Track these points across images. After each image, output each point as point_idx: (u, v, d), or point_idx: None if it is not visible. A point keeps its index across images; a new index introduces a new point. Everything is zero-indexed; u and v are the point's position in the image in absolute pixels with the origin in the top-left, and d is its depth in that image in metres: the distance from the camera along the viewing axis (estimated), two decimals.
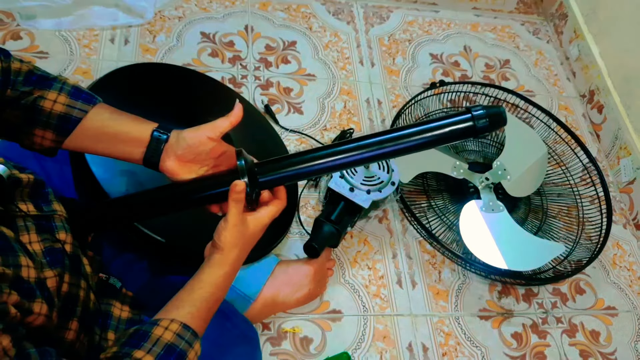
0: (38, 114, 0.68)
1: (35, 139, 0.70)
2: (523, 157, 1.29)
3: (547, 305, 1.21)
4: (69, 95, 0.69)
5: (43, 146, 0.71)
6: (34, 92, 0.68)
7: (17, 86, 0.68)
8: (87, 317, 0.67)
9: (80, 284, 0.66)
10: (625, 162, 1.45)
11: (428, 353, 1.09)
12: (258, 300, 0.97)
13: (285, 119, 1.32)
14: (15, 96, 0.68)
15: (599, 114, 1.55)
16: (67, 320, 0.63)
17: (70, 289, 0.63)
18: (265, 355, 1.01)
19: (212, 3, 1.48)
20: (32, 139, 0.70)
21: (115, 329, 0.72)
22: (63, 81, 0.70)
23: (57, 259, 0.62)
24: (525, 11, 1.80)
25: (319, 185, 1.24)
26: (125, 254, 0.91)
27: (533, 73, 1.62)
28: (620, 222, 1.40)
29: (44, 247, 0.62)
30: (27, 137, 0.70)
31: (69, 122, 0.69)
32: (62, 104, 0.69)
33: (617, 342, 1.20)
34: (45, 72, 0.71)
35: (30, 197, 0.67)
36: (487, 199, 1.22)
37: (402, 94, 1.45)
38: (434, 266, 1.20)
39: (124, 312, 0.75)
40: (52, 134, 0.69)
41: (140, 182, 0.88)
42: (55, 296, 0.60)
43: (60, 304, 0.61)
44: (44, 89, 0.69)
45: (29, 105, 0.68)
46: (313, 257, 1.05)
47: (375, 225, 1.22)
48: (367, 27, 1.57)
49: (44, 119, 0.68)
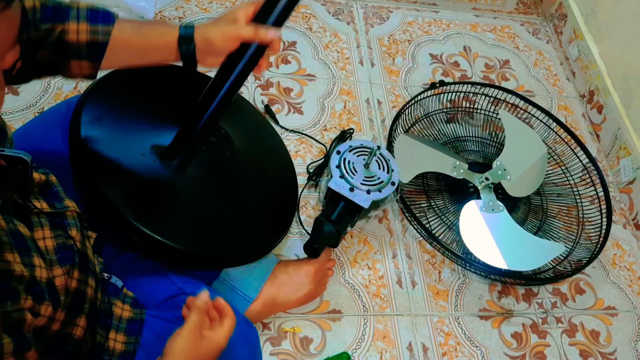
0: (67, 47, 0.71)
1: (74, 70, 0.74)
2: (523, 157, 1.29)
3: (547, 305, 1.21)
4: (88, 21, 0.72)
5: (83, 74, 0.76)
6: (55, 27, 0.70)
7: (37, 25, 0.69)
8: (94, 315, 0.68)
9: (88, 282, 0.66)
10: (625, 162, 1.45)
11: (428, 353, 1.09)
12: (258, 300, 0.97)
13: (285, 119, 1.32)
14: (41, 36, 0.70)
15: (598, 114, 1.55)
16: (75, 316, 0.63)
17: (79, 285, 0.64)
18: (265, 355, 1.01)
19: (212, 3, 1.48)
20: (71, 71, 0.74)
21: (117, 329, 0.72)
22: (76, 6, 0.72)
23: (68, 255, 0.63)
24: (525, 11, 1.80)
25: (319, 185, 1.24)
26: (125, 254, 0.91)
27: (533, 73, 1.62)
28: (620, 222, 1.40)
29: (56, 244, 0.62)
30: (66, 70, 0.74)
31: (97, 48, 0.73)
32: (85, 32, 0.72)
33: (617, 342, 1.20)
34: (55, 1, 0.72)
35: (41, 195, 0.68)
36: (487, 199, 1.22)
37: (402, 94, 1.46)
38: (434, 266, 1.20)
39: (125, 312, 0.75)
40: (86, 62, 0.74)
41: (140, 182, 0.88)
42: (63, 294, 0.60)
43: (68, 300, 0.61)
44: (63, 22, 0.71)
45: (55, 41, 0.71)
46: (313, 257, 1.05)
47: (375, 225, 1.22)
48: (367, 28, 1.57)
49: (74, 50, 0.72)
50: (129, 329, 0.73)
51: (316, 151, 1.29)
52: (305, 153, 1.28)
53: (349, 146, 1.14)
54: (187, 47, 0.74)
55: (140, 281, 0.87)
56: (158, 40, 0.75)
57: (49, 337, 0.58)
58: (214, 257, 0.94)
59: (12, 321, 0.50)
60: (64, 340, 0.62)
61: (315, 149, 1.29)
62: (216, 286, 0.96)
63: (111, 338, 0.71)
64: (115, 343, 0.72)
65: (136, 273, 0.89)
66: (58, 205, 0.68)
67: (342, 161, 1.11)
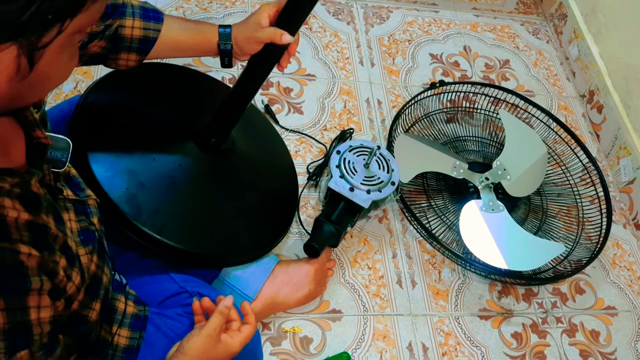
0: (121, 41, 0.80)
1: (121, 62, 0.83)
2: (523, 157, 1.29)
3: (547, 305, 1.21)
4: (141, 18, 0.81)
5: (129, 66, 0.84)
6: (114, 22, 0.78)
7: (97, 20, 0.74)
8: (106, 305, 0.68)
9: (104, 269, 0.67)
10: (625, 162, 1.45)
11: (428, 353, 1.09)
12: (258, 300, 0.97)
13: (285, 119, 1.32)
14: (100, 30, 0.77)
15: (598, 114, 1.55)
16: (92, 300, 0.64)
17: (97, 270, 0.65)
18: (265, 354, 1.01)
19: (212, 3, 1.48)
20: (118, 62, 0.83)
21: (121, 324, 0.73)
22: (132, 4, 0.81)
23: (91, 238, 0.64)
24: (525, 11, 1.80)
25: (319, 185, 1.24)
26: (126, 253, 0.91)
27: (533, 73, 1.62)
28: (620, 222, 1.40)
29: (80, 227, 0.63)
30: (114, 61, 0.83)
31: (147, 43, 0.82)
32: (139, 28, 0.80)
33: (617, 342, 1.20)
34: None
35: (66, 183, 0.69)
36: (487, 199, 1.22)
37: (402, 94, 1.46)
38: (434, 266, 1.20)
39: (129, 307, 0.75)
40: (135, 55, 0.83)
41: (141, 181, 0.88)
42: (85, 272, 0.61)
43: (88, 282, 0.62)
44: (121, 18, 0.79)
45: (112, 35, 0.79)
46: (313, 257, 1.05)
47: (375, 225, 1.22)
48: (367, 27, 1.57)
49: (126, 44, 0.81)
50: (133, 324, 0.74)
51: (316, 151, 1.29)
52: (305, 153, 1.28)
53: (349, 146, 1.14)
54: (225, 45, 0.85)
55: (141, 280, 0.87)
56: (201, 38, 0.85)
57: (69, 314, 0.59)
58: (213, 256, 0.94)
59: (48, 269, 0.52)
60: (81, 321, 0.63)
61: (315, 149, 1.29)
62: (216, 285, 0.96)
63: (115, 333, 0.71)
64: (120, 338, 0.72)
65: (137, 272, 0.89)
66: (81, 194, 0.70)
67: (342, 161, 1.11)
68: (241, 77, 0.91)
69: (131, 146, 0.92)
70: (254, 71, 0.90)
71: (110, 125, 0.93)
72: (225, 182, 1.00)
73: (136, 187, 0.87)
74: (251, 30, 0.83)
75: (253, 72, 0.90)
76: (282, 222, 1.08)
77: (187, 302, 0.83)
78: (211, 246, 0.93)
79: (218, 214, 0.97)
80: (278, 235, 1.06)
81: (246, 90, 0.93)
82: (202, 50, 0.87)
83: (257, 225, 1.02)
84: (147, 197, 0.87)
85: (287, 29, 0.82)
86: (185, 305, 0.83)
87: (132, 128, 0.95)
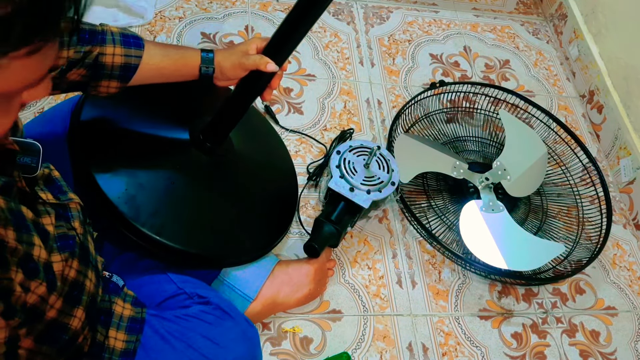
0: (102, 68, 0.78)
1: (101, 89, 0.81)
2: (523, 157, 1.29)
3: (547, 305, 1.21)
4: (122, 45, 0.79)
5: (109, 92, 0.82)
6: (93, 49, 0.76)
7: (73, 46, 0.74)
8: (94, 310, 0.68)
9: (87, 274, 0.66)
10: (625, 162, 1.45)
11: (428, 353, 1.09)
12: (258, 300, 0.97)
13: (285, 119, 1.32)
14: (79, 57, 0.75)
15: (598, 114, 1.55)
16: (73, 307, 0.63)
17: (77, 276, 0.64)
18: (265, 355, 1.01)
19: (212, 3, 1.48)
20: (98, 90, 0.81)
21: (117, 327, 0.72)
22: (111, 31, 0.79)
23: (68, 244, 0.63)
24: (525, 11, 1.80)
25: (319, 185, 1.24)
26: (125, 253, 0.91)
27: (533, 73, 1.62)
28: (620, 222, 1.40)
29: (57, 233, 0.63)
30: (94, 89, 0.81)
31: (129, 70, 0.80)
32: (120, 55, 0.79)
33: (617, 342, 1.20)
34: (89, 24, 0.78)
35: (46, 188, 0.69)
36: (487, 199, 1.22)
37: (402, 94, 1.46)
38: (434, 266, 1.20)
39: (126, 310, 0.75)
40: (116, 82, 0.81)
41: (140, 182, 0.88)
42: (60, 280, 0.60)
43: (66, 289, 0.61)
44: (101, 45, 0.77)
45: (92, 62, 0.77)
46: (313, 257, 1.05)
47: (375, 225, 1.22)
48: (367, 28, 1.57)
49: (107, 72, 0.79)
50: (129, 327, 0.73)
51: (316, 151, 1.29)
52: (305, 153, 1.28)
53: (349, 146, 1.14)
54: (207, 69, 0.86)
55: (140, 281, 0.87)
56: (182, 64, 0.85)
57: (45, 323, 0.58)
58: (213, 257, 0.94)
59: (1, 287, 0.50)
60: (60, 328, 0.62)
61: (315, 149, 1.29)
62: (215, 286, 0.96)
63: (111, 336, 0.71)
64: (116, 341, 0.72)
65: (136, 273, 0.89)
66: (62, 198, 0.69)
67: (342, 161, 1.11)
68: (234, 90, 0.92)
69: (130, 148, 0.93)
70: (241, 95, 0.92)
71: (110, 127, 0.93)
72: (224, 182, 1.00)
73: (135, 188, 0.87)
74: (237, 56, 0.85)
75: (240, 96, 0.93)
76: (282, 222, 1.08)
77: (185, 304, 0.83)
78: (211, 246, 0.93)
79: (218, 214, 0.97)
80: (278, 236, 1.06)
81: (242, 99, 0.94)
82: (183, 75, 0.87)
83: (256, 225, 1.02)
84: (146, 198, 0.87)
85: (273, 59, 0.84)
86: (184, 307, 0.83)
87: (131, 130, 0.95)
